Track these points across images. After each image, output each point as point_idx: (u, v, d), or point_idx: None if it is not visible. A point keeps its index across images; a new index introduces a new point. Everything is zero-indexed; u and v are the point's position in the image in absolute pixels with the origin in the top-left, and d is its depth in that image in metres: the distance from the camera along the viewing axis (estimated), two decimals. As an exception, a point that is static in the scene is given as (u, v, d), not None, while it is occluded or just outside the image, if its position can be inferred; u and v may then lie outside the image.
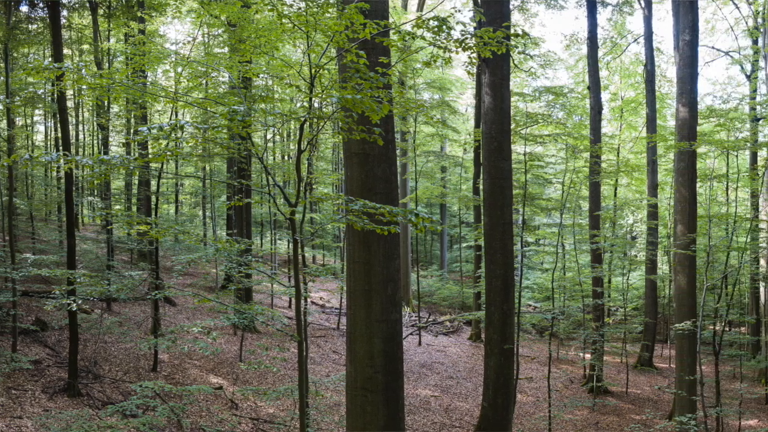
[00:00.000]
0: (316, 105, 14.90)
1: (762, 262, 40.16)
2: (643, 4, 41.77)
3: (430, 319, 44.83)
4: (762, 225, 37.00)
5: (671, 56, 50.24)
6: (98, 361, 23.93)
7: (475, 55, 13.55)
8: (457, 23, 12.23)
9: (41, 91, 38.69)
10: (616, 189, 52.15)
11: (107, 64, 38.98)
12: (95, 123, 46.15)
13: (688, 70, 25.65)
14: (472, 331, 42.14)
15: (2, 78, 28.39)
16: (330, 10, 11.39)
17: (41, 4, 30.26)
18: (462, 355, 37.44)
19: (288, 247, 50.38)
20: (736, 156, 35.86)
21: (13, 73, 28.72)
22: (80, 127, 52.94)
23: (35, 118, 52.70)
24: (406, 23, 12.95)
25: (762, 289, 41.90)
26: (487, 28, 12.00)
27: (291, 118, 16.33)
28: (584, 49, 47.05)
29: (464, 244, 64.29)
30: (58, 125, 34.58)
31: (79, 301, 20.66)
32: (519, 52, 42.21)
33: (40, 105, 38.11)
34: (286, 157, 55.30)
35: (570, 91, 35.66)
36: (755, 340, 39.90)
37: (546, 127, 32.89)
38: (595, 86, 36.73)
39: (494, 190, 21.51)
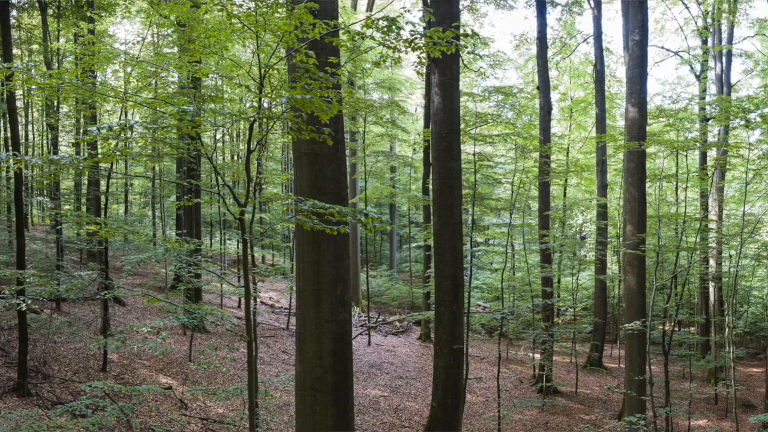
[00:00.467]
0: (265, 105, 14.92)
1: (711, 262, 40.58)
2: (592, 4, 42.04)
3: (379, 319, 44.91)
4: (711, 225, 37.40)
5: (621, 56, 50.66)
6: (48, 361, 23.82)
7: (424, 55, 13.65)
8: (407, 23, 12.32)
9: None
10: (565, 189, 52.54)
11: (57, 64, 38.75)
12: (45, 123, 45.85)
13: (637, 70, 25.85)
14: (422, 331, 42.25)
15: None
16: (279, 10, 11.46)
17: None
18: (411, 355, 37.57)
19: (237, 247, 50.26)
20: (686, 156, 36.12)
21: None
22: (30, 127, 52.61)
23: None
24: (355, 23, 13.02)
25: (711, 289, 42.37)
26: (437, 28, 12.12)
27: (240, 118, 16.36)
28: (534, 49, 47.30)
29: (414, 244, 64.44)
30: (8, 125, 34.40)
31: (29, 301, 20.60)
32: (468, 52, 42.39)
33: (-11, 105, 37.88)
34: (235, 157, 55.26)
35: (519, 91, 35.90)
36: (705, 340, 40.31)
37: (495, 127, 33.07)
38: (544, 86, 37.01)
39: (443, 190, 21.64)
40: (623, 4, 30.99)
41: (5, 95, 29.93)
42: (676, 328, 39.97)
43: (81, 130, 37.76)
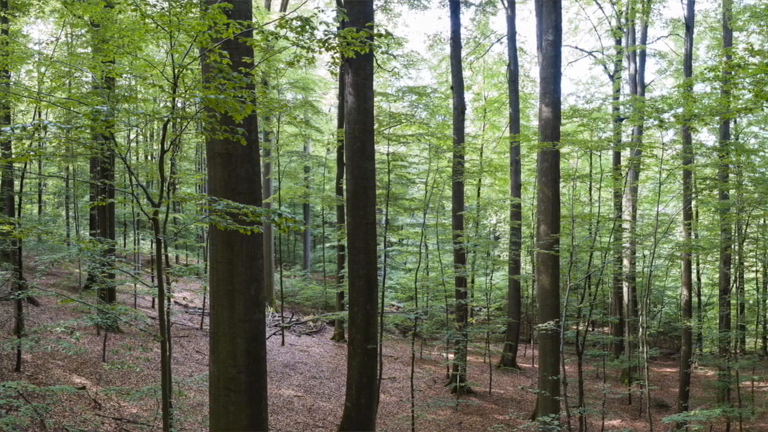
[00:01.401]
0: (179, 105, 15.02)
1: (625, 262, 41.20)
2: (506, 5, 42.40)
3: (293, 319, 44.95)
4: (625, 225, 37.91)
5: (534, 56, 51.05)
6: (-41, 362, 23.70)
7: (338, 55, 13.87)
8: (321, 23, 12.54)
9: None
10: (479, 189, 52.95)
11: (-30, 65, 38.37)
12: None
13: (551, 70, 26.11)
14: (336, 331, 42.34)
15: None
16: (193, 10, 11.59)
17: None
18: (325, 355, 37.69)
19: (151, 247, 49.91)
20: (600, 156, 36.70)
21: None
22: (-60, 129, 51.88)
23: None
24: (269, 23, 13.20)
25: (625, 289, 43.00)
26: (351, 28, 12.34)
27: (154, 118, 16.45)
28: (447, 50, 47.55)
29: (328, 244, 64.50)
30: None
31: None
32: (382, 53, 42.63)
33: None
34: (149, 157, 54.85)
35: (433, 91, 36.15)
36: (618, 340, 40.88)
37: (409, 127, 33.31)
38: (458, 86, 37.25)
39: (357, 190, 21.82)
40: (537, 4, 31.31)
41: None
42: (590, 329, 40.63)
43: (-5, 130, 37.35)
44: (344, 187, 26.26)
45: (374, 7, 30.61)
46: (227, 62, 10.86)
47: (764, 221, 39.02)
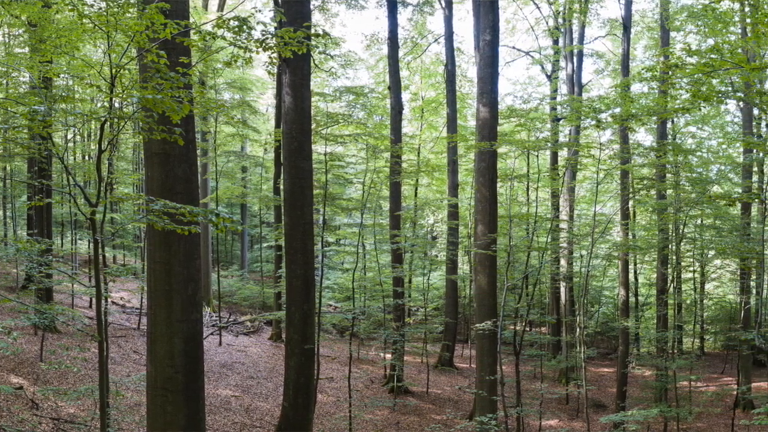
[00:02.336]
0: (116, 105, 15.13)
1: (563, 262, 41.48)
2: (443, 5, 42.59)
3: (230, 319, 44.95)
4: (563, 225, 38.19)
5: (472, 56, 51.37)
6: None
7: (276, 55, 14.00)
8: (258, 23, 12.68)
9: None
10: (417, 189, 53.08)
11: None
12: None
13: (488, 70, 26.32)
14: (273, 331, 42.29)
15: None
16: (131, 10, 11.68)
17: None
18: (263, 355, 37.71)
19: (89, 247, 49.65)
20: (537, 156, 36.92)
21: None
22: None
23: None
24: (207, 23, 13.31)
25: (563, 289, 43.30)
26: (288, 29, 12.51)
27: (92, 118, 16.49)
28: (385, 49, 47.60)
29: (265, 244, 64.41)
30: None
31: None
32: (320, 52, 42.69)
33: None
34: (86, 157, 54.56)
35: (371, 91, 36.40)
36: (556, 340, 41.16)
37: (347, 127, 33.43)
38: (395, 86, 37.45)
39: (294, 190, 21.95)
40: (474, 4, 31.64)
41: None
42: (528, 329, 40.81)
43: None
44: (281, 187, 26.26)
45: (312, 7, 30.74)
46: (165, 62, 10.97)
47: (701, 221, 39.53)
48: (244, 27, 11.79)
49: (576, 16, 44.41)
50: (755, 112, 38.71)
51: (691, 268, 49.03)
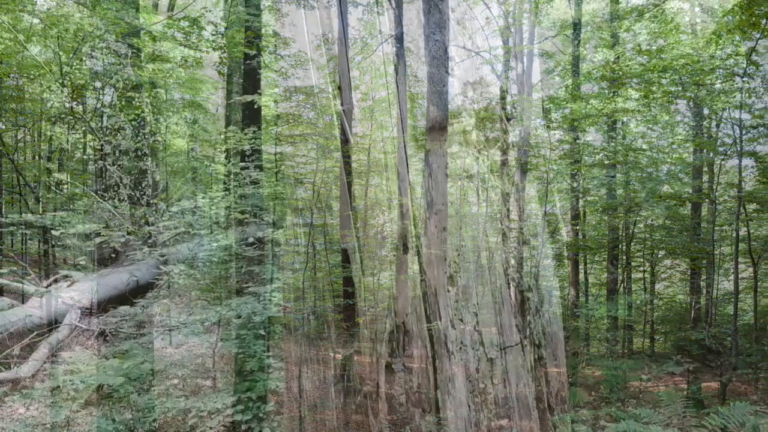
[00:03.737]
0: (67, 105, 15.20)
1: (512, 262, 41.65)
2: (393, 5, 42.57)
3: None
4: (512, 225, 38.37)
5: (423, 56, 51.45)
6: None
7: (226, 54, 14.15)
8: (209, 23, 12.84)
9: None
10: (367, 189, 53.10)
11: None
12: None
13: (438, 70, 26.48)
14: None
15: None
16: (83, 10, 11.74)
17: None
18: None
19: (39, 247, 49.48)
20: (487, 156, 37.09)
21: None
22: None
23: None
24: (157, 23, 13.45)
25: (512, 290, 43.47)
26: (239, 29, 12.68)
27: (42, 118, 16.57)
28: (335, 49, 47.73)
29: (215, 244, 64.20)
30: None
31: None
32: (270, 53, 42.75)
33: None
34: (36, 158, 54.30)
35: (321, 91, 36.47)
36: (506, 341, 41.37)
37: (297, 127, 33.45)
38: (346, 86, 37.51)
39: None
40: (424, 4, 31.74)
41: None
42: (479, 329, 40.92)
43: None
44: (232, 187, 26.34)
45: (262, 7, 30.88)
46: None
47: (651, 221, 39.87)
48: (195, 27, 11.92)
49: (526, 16, 44.65)
50: (705, 111, 39.10)
51: (642, 269, 49.38)
